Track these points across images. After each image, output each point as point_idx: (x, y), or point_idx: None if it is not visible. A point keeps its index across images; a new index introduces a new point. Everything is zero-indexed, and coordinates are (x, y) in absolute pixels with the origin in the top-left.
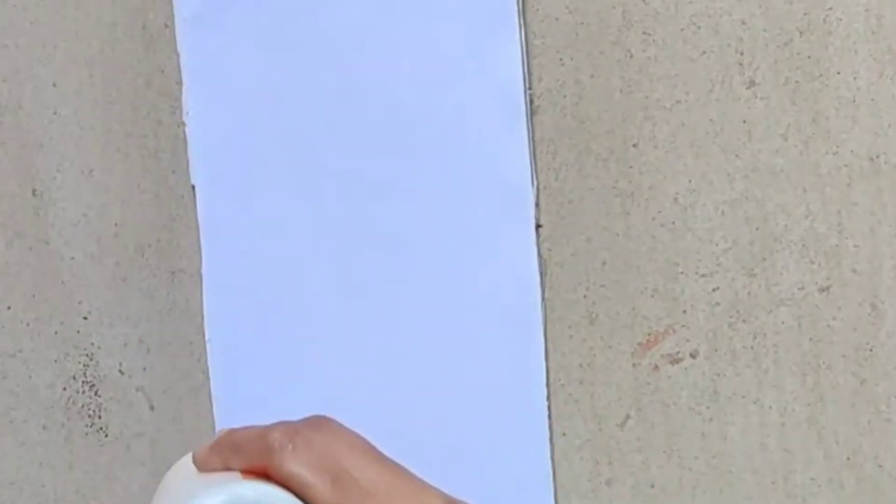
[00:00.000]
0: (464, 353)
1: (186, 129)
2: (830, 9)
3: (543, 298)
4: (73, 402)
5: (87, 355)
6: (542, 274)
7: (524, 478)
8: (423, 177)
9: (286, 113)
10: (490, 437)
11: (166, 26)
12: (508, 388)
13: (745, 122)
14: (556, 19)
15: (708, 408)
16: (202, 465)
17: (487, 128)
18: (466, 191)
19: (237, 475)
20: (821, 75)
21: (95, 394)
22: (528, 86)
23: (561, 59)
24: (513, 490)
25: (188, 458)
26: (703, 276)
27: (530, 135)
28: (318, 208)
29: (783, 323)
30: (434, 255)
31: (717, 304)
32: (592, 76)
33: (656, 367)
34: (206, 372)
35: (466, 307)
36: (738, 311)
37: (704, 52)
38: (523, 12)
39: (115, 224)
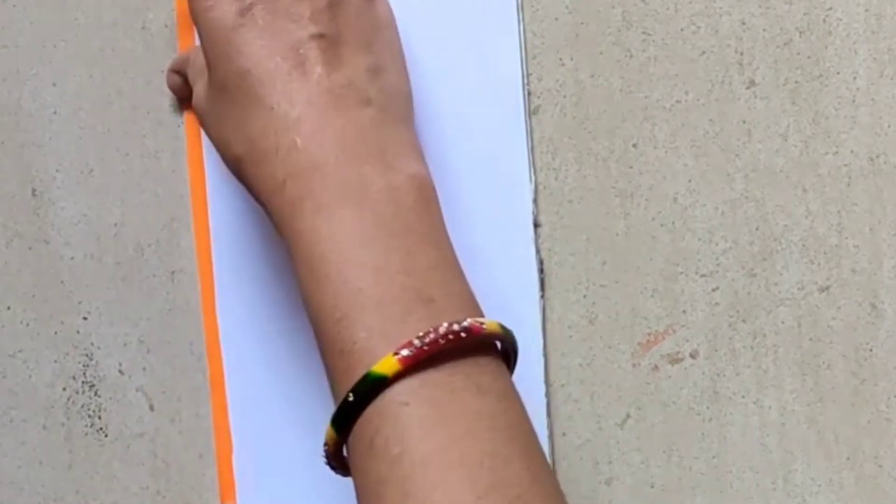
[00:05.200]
0: None
1: (186, 129)
2: (830, 9)
3: (542, 298)
4: (73, 402)
5: (86, 355)
6: (541, 273)
7: None
8: None
9: None
10: None
11: (166, 26)
12: None
13: (744, 122)
14: (556, 19)
15: (708, 408)
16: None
17: (486, 127)
18: (465, 190)
19: None
20: (821, 75)
21: (95, 394)
22: (527, 85)
23: (561, 59)
24: None
25: None
26: (703, 276)
27: (529, 134)
28: None
29: (783, 323)
30: None
31: (717, 304)
32: (592, 76)
33: (656, 367)
34: (205, 372)
35: None
36: (738, 311)
37: (704, 52)
38: (523, 12)
39: (115, 224)
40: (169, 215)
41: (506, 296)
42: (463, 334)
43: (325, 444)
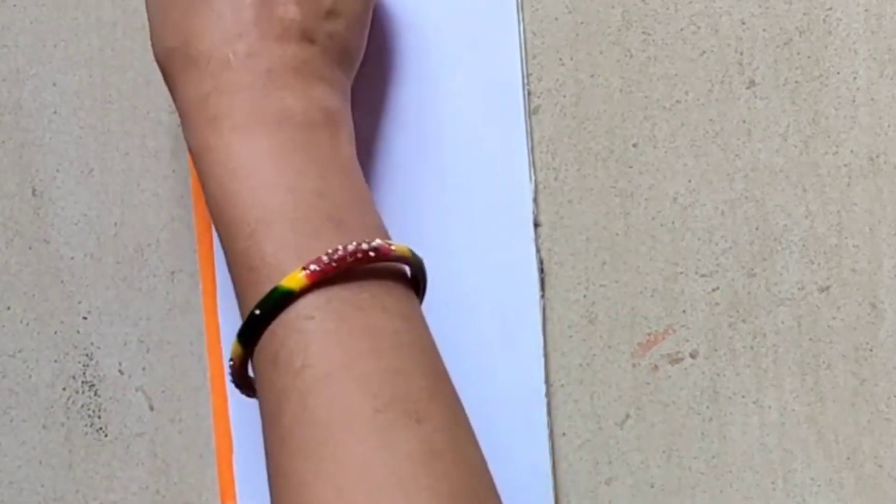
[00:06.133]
0: (462, 352)
1: None
2: (830, 9)
3: (542, 298)
4: (73, 402)
5: (86, 355)
6: (541, 273)
7: (524, 477)
8: (421, 176)
9: None
10: (490, 437)
11: None
12: (508, 388)
13: (744, 122)
14: (556, 19)
15: (708, 408)
16: None
17: (486, 127)
18: (465, 190)
19: None
20: (820, 75)
21: (95, 394)
22: (527, 85)
23: (561, 59)
24: (512, 489)
25: None
26: (703, 276)
27: (529, 134)
28: None
29: (783, 323)
30: (432, 254)
31: (717, 304)
32: (592, 76)
33: (656, 367)
34: (205, 372)
35: (465, 307)
36: (738, 311)
37: (704, 52)
38: (523, 12)
39: (115, 224)
40: (169, 215)
41: (506, 296)
42: (371, 253)
43: (231, 360)
